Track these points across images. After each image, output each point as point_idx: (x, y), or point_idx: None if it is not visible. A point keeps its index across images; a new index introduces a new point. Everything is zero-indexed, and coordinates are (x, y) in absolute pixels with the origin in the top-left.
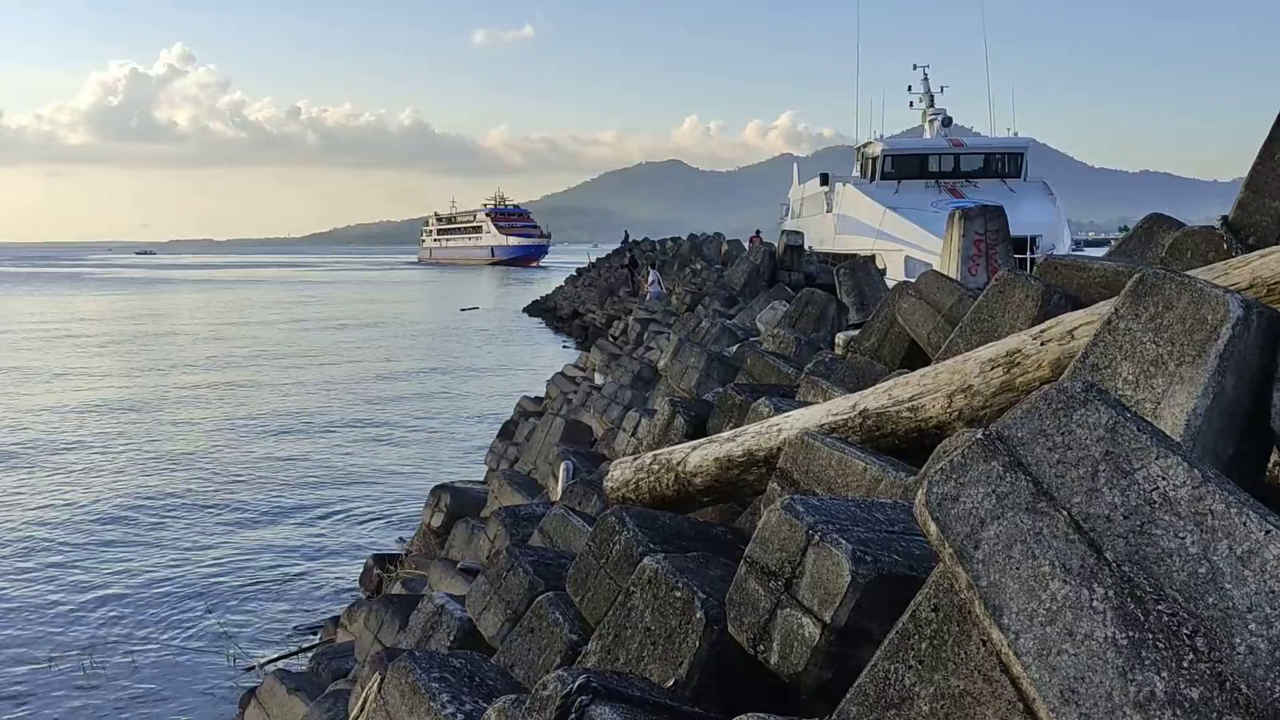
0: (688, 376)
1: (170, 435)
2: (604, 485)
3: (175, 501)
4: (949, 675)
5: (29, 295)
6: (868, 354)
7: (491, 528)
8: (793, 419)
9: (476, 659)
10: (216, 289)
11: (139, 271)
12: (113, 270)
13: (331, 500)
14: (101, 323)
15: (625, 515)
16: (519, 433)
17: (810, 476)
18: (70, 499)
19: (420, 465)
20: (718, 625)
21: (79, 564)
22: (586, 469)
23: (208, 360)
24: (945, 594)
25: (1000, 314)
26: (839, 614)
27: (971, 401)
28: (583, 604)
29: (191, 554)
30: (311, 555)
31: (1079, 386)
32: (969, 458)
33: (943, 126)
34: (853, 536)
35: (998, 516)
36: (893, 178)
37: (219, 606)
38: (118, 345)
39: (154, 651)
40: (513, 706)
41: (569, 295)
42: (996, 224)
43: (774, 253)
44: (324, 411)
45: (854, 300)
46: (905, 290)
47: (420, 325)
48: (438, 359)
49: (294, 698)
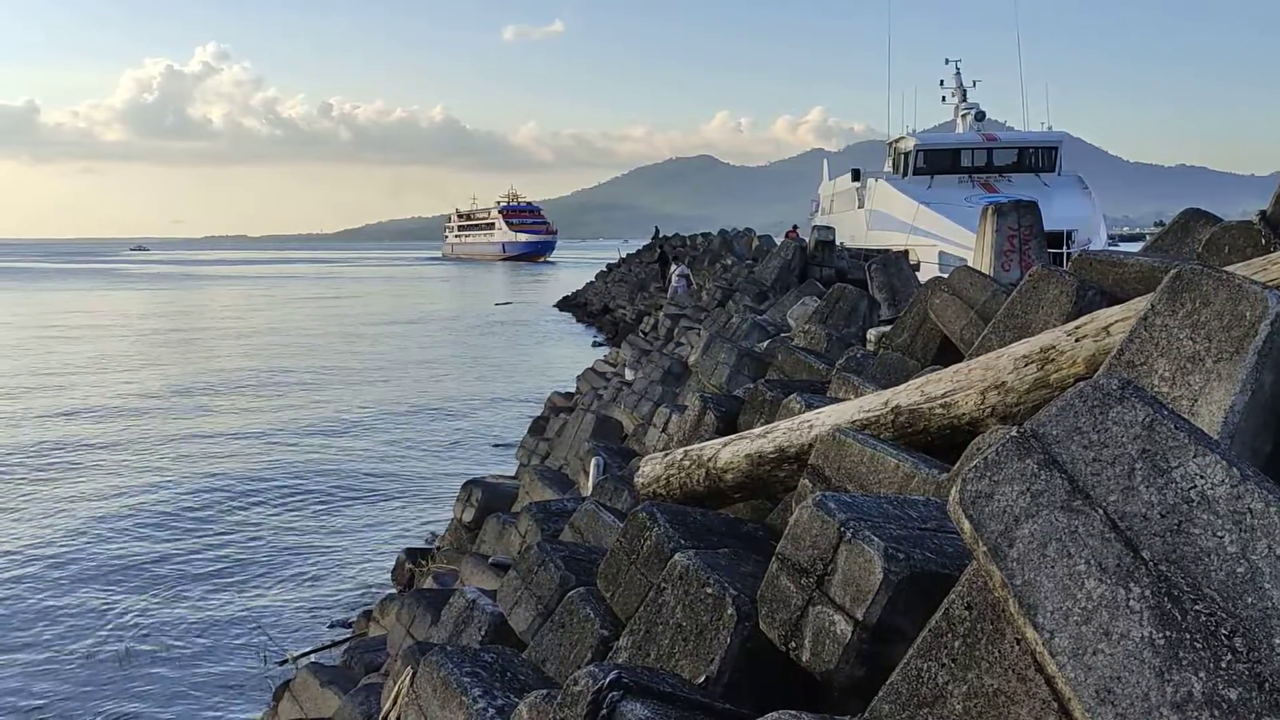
0: (718, 372)
1: (203, 430)
2: (635, 481)
3: (209, 495)
4: (982, 674)
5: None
6: (900, 350)
7: (522, 523)
8: (824, 415)
9: (508, 654)
10: (249, 285)
11: (173, 268)
12: (146, 266)
13: (363, 494)
14: (138, 318)
15: (656, 511)
16: (550, 428)
17: (842, 473)
18: (107, 492)
19: (451, 460)
20: (749, 622)
21: (115, 556)
22: (617, 465)
23: (240, 356)
24: (979, 592)
25: (1034, 310)
26: (871, 611)
27: (1005, 398)
28: (613, 600)
29: (224, 547)
30: (343, 549)
31: (1115, 383)
32: (1003, 455)
33: (976, 121)
34: (885, 534)
35: (1032, 515)
36: (925, 173)
37: (252, 600)
38: (153, 339)
39: (189, 643)
40: (544, 701)
41: (599, 291)
42: (1030, 219)
43: (805, 248)
44: (355, 406)
45: (886, 296)
46: (938, 286)
47: (452, 320)
48: (469, 354)
49: (327, 691)
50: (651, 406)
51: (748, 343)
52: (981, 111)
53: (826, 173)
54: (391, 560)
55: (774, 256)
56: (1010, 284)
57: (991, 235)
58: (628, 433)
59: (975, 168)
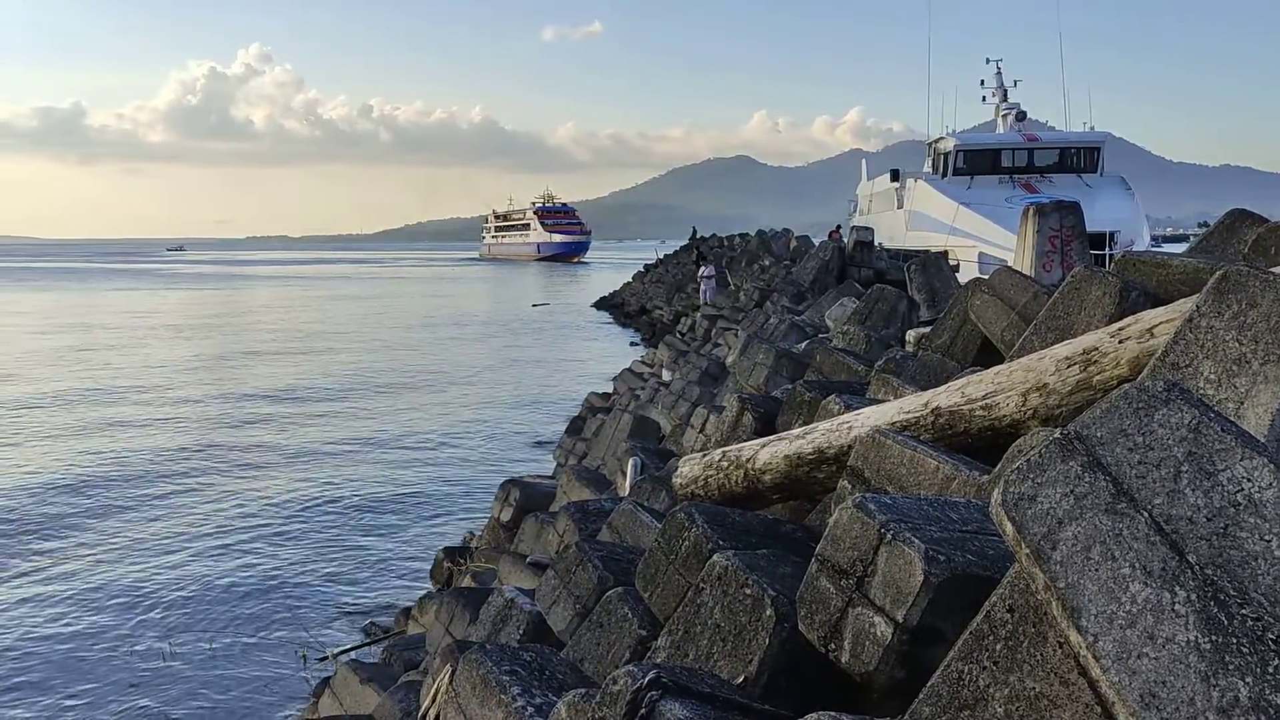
0: (756, 373)
1: (243, 430)
2: (673, 481)
3: (248, 492)
4: (1024, 677)
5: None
6: (939, 351)
7: (560, 522)
8: (864, 416)
9: (546, 652)
10: (289, 285)
11: (214, 268)
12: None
13: (401, 493)
14: (184, 316)
15: (694, 511)
16: (587, 428)
17: (882, 474)
18: (148, 489)
19: (489, 459)
20: (788, 623)
21: (157, 552)
22: (654, 465)
23: (277, 356)
24: (1021, 595)
25: (1076, 311)
26: (911, 613)
27: (1047, 400)
28: (651, 599)
29: (265, 544)
30: (382, 547)
31: (1160, 385)
32: (1047, 457)
33: (1016, 121)
34: (926, 535)
35: (1076, 517)
36: (965, 173)
37: (292, 597)
38: (195, 340)
39: (230, 640)
40: (583, 700)
41: (637, 291)
42: (1072, 219)
43: (843, 249)
44: (393, 406)
45: (925, 297)
46: (978, 287)
47: (490, 321)
48: (506, 354)
49: (366, 688)
50: (689, 407)
51: (785, 343)
52: (1022, 111)
53: (865, 173)
54: (430, 559)
55: (812, 257)
56: (1051, 285)
57: (1033, 236)
58: (665, 433)
59: (1016, 168)
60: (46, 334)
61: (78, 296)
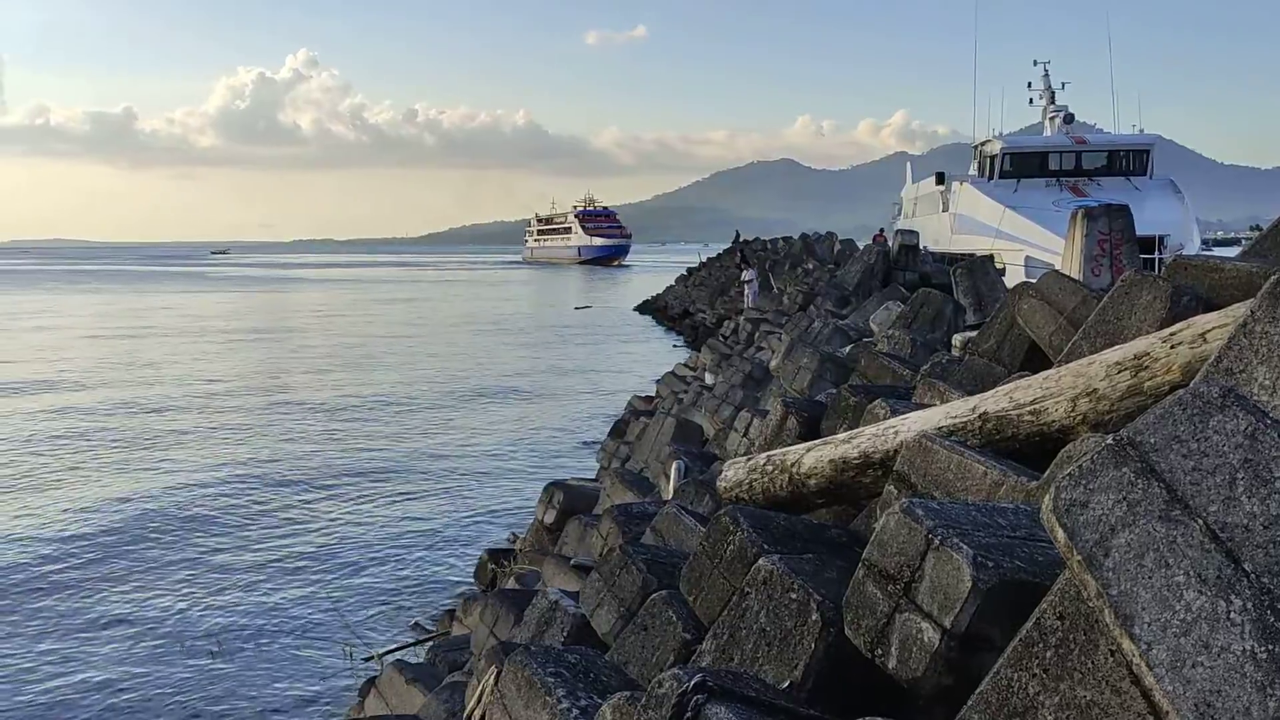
0: (800, 377)
1: (290, 430)
2: (717, 485)
3: (295, 494)
4: (1075, 685)
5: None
6: (986, 356)
7: (604, 525)
8: (910, 421)
9: (591, 655)
10: (337, 288)
11: (262, 270)
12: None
13: (445, 495)
14: (230, 318)
15: (739, 515)
16: (630, 431)
17: (928, 480)
18: (196, 489)
19: (532, 461)
20: (834, 628)
21: (205, 553)
22: (698, 468)
23: (324, 357)
24: (1072, 602)
25: (1126, 316)
26: (959, 620)
27: (1096, 406)
28: (696, 603)
29: (310, 545)
30: (426, 549)
31: (1216, 391)
32: (1099, 463)
33: (1064, 123)
34: (974, 541)
35: (1129, 524)
36: (1012, 176)
37: (338, 597)
38: (245, 338)
39: (278, 639)
40: (628, 703)
41: (679, 294)
42: (1121, 223)
43: (888, 252)
44: (439, 408)
45: (971, 301)
46: (1026, 291)
47: (533, 324)
48: (549, 357)
49: (412, 688)
50: (732, 411)
51: (830, 347)
52: (1070, 114)
53: (910, 176)
54: (473, 560)
55: (856, 261)
56: (1100, 289)
57: (1081, 240)
58: (708, 437)
59: (1063, 171)
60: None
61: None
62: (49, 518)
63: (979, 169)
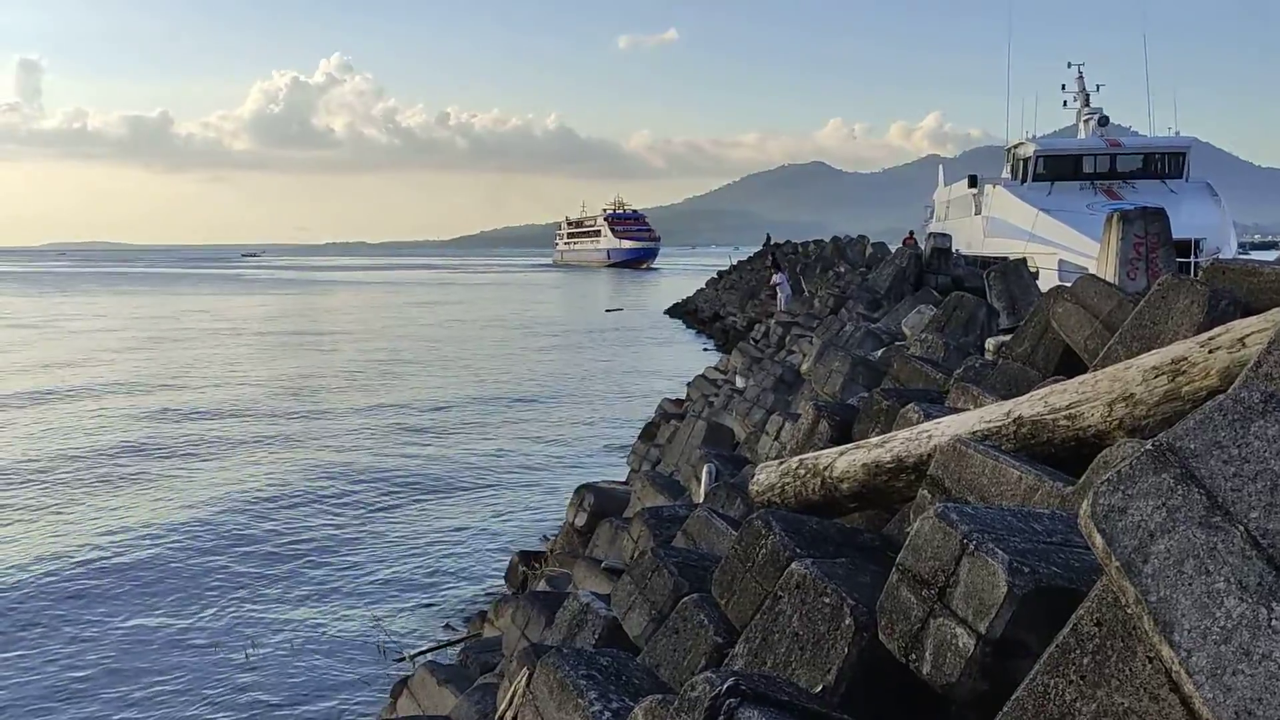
0: (831, 380)
1: (321, 432)
2: (749, 488)
3: (328, 496)
4: (1112, 692)
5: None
6: (1020, 360)
7: (635, 528)
8: (944, 425)
9: (623, 657)
10: (369, 290)
11: (294, 273)
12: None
13: (476, 497)
14: (263, 321)
15: (771, 519)
16: (660, 434)
17: (962, 484)
18: (231, 492)
19: (562, 464)
20: (867, 632)
21: (239, 554)
22: (729, 472)
23: (355, 360)
24: (1109, 608)
25: (1163, 320)
26: (995, 625)
27: (1133, 410)
28: (728, 606)
29: (342, 547)
30: (457, 550)
31: (1257, 396)
32: (1138, 469)
33: (1099, 126)
34: (1009, 546)
35: (1168, 530)
36: (1045, 179)
37: (370, 599)
38: (276, 342)
39: (311, 640)
40: (660, 706)
41: (710, 297)
42: (1158, 226)
43: (920, 255)
44: (470, 411)
45: (1005, 304)
46: (1061, 295)
47: (564, 326)
48: (580, 359)
49: (444, 689)
50: (763, 414)
51: (861, 351)
52: (1105, 116)
53: (942, 179)
54: (504, 562)
55: (888, 264)
56: (1136, 293)
57: (1117, 243)
58: (739, 440)
59: (1098, 174)
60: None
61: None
62: (84, 519)
63: (1012, 172)
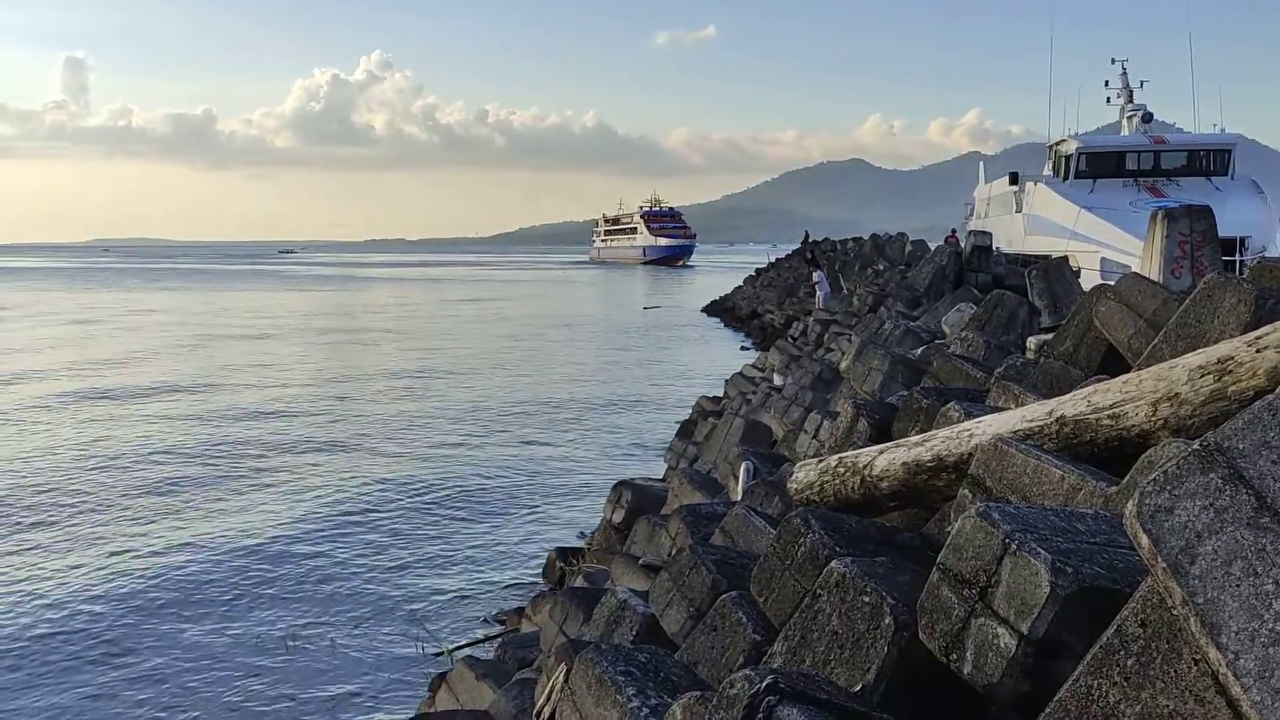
0: (871, 379)
1: (360, 427)
2: (788, 487)
3: (365, 492)
4: (1157, 694)
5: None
6: (1062, 358)
7: (673, 525)
8: (985, 424)
9: (660, 654)
10: (408, 287)
11: (333, 269)
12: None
13: (513, 493)
14: (307, 318)
15: (810, 517)
16: (698, 432)
17: (1004, 484)
18: (270, 483)
19: (599, 461)
20: (907, 632)
21: (278, 546)
22: (766, 470)
23: (394, 355)
24: (1154, 609)
25: (1209, 319)
26: (1037, 626)
27: (1178, 410)
28: (766, 604)
29: (381, 542)
30: (494, 546)
31: None
32: (1185, 469)
33: (1142, 123)
34: (1052, 546)
35: (1216, 531)
36: (1088, 176)
37: (408, 593)
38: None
39: (350, 633)
40: (698, 703)
41: (748, 295)
42: (1203, 224)
43: (960, 253)
44: (506, 406)
45: (1046, 303)
46: (1104, 293)
47: (601, 323)
48: (617, 356)
49: (482, 684)
50: (802, 412)
51: (901, 349)
52: (1149, 113)
53: (982, 176)
54: (542, 558)
55: (928, 262)
56: (1181, 292)
57: (1161, 241)
58: (777, 438)
59: (1141, 171)
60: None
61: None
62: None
63: (1054, 169)
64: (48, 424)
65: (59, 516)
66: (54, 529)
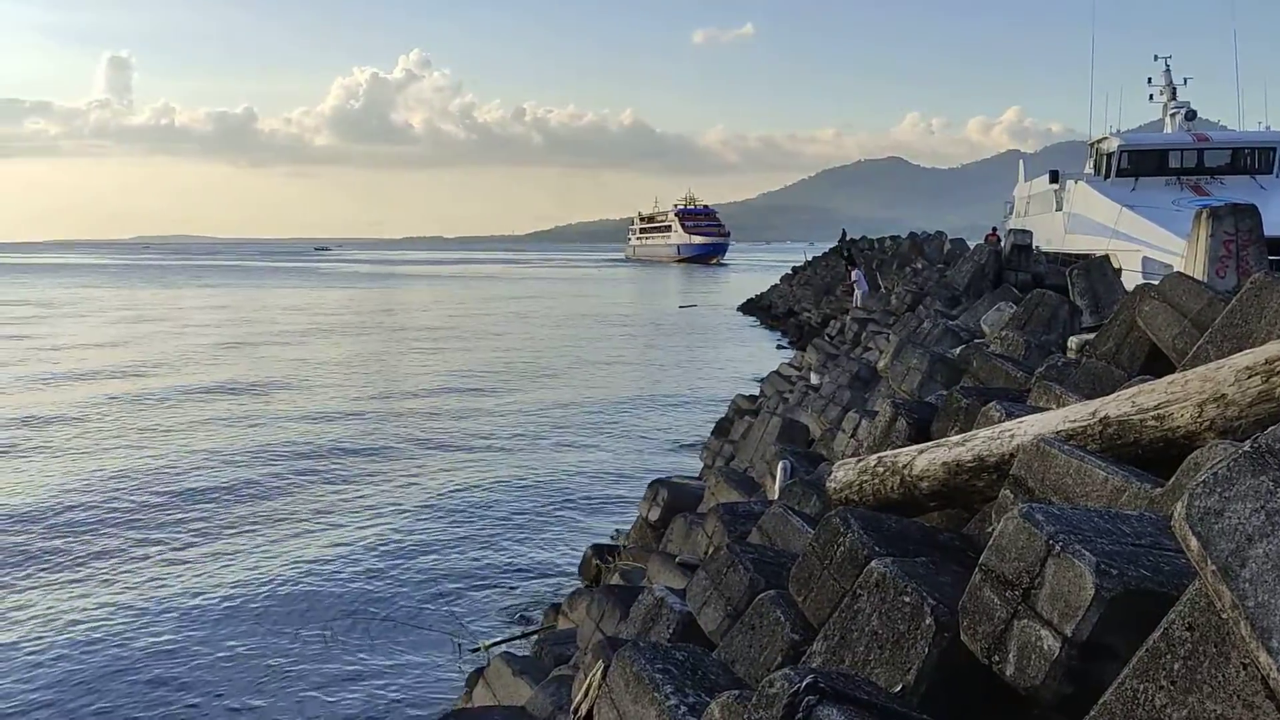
0: (909, 378)
1: (397, 423)
2: (826, 486)
3: (402, 489)
4: (1204, 698)
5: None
6: (1104, 358)
7: (709, 524)
8: (1027, 425)
9: (698, 653)
10: (445, 284)
11: (371, 266)
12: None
13: (550, 491)
14: (342, 314)
15: (850, 517)
16: (734, 430)
17: (1046, 485)
18: (308, 481)
19: (635, 459)
20: (948, 633)
21: (319, 543)
22: (804, 469)
23: (431, 353)
24: (1202, 612)
25: (1256, 319)
26: (1081, 628)
27: (1225, 412)
28: (805, 604)
29: (418, 538)
30: (531, 543)
31: None
32: (1235, 471)
33: (1186, 120)
34: (1096, 548)
35: (1268, 534)
36: (1129, 174)
37: (446, 589)
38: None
39: (387, 629)
40: (736, 702)
41: (784, 294)
42: (1249, 223)
43: (1000, 252)
44: (544, 403)
45: (1088, 302)
46: (1147, 293)
47: (637, 322)
48: (653, 355)
49: (519, 680)
50: (839, 411)
51: (940, 348)
52: (1192, 110)
53: (1022, 174)
54: (578, 556)
55: (967, 260)
56: (1227, 292)
57: (1206, 240)
58: (814, 437)
59: (1184, 169)
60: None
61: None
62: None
63: (1095, 167)
64: (93, 427)
65: (113, 524)
66: (105, 536)
